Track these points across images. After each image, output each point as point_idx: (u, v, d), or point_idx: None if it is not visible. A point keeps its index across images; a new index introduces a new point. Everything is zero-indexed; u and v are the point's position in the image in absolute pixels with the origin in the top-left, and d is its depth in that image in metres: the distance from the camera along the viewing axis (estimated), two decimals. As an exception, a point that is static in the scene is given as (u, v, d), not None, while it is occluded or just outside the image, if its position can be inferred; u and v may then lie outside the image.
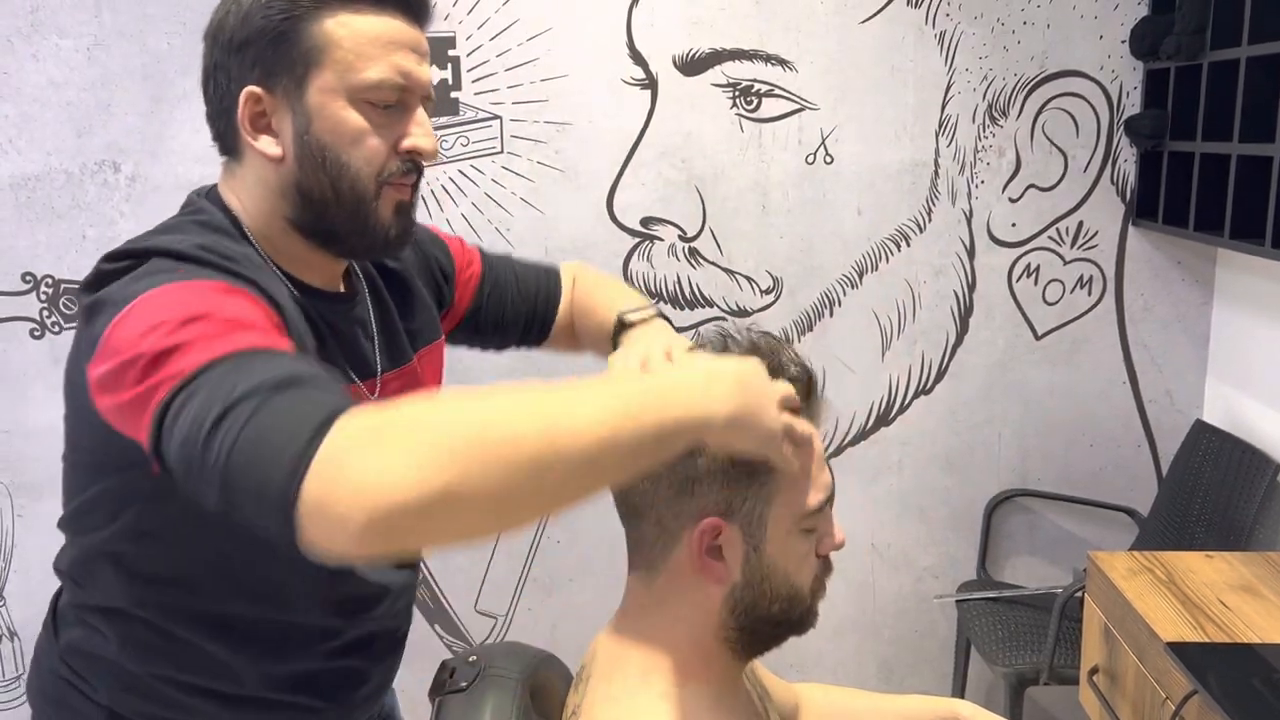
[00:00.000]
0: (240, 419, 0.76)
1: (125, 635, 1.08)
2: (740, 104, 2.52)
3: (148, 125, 2.52)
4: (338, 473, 0.70)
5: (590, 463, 0.75)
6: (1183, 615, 1.71)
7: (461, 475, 0.69)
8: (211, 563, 1.05)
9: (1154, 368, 2.64)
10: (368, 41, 1.00)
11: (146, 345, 0.84)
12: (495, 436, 0.71)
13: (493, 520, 0.74)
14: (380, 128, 1.02)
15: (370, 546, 0.69)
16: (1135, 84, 2.51)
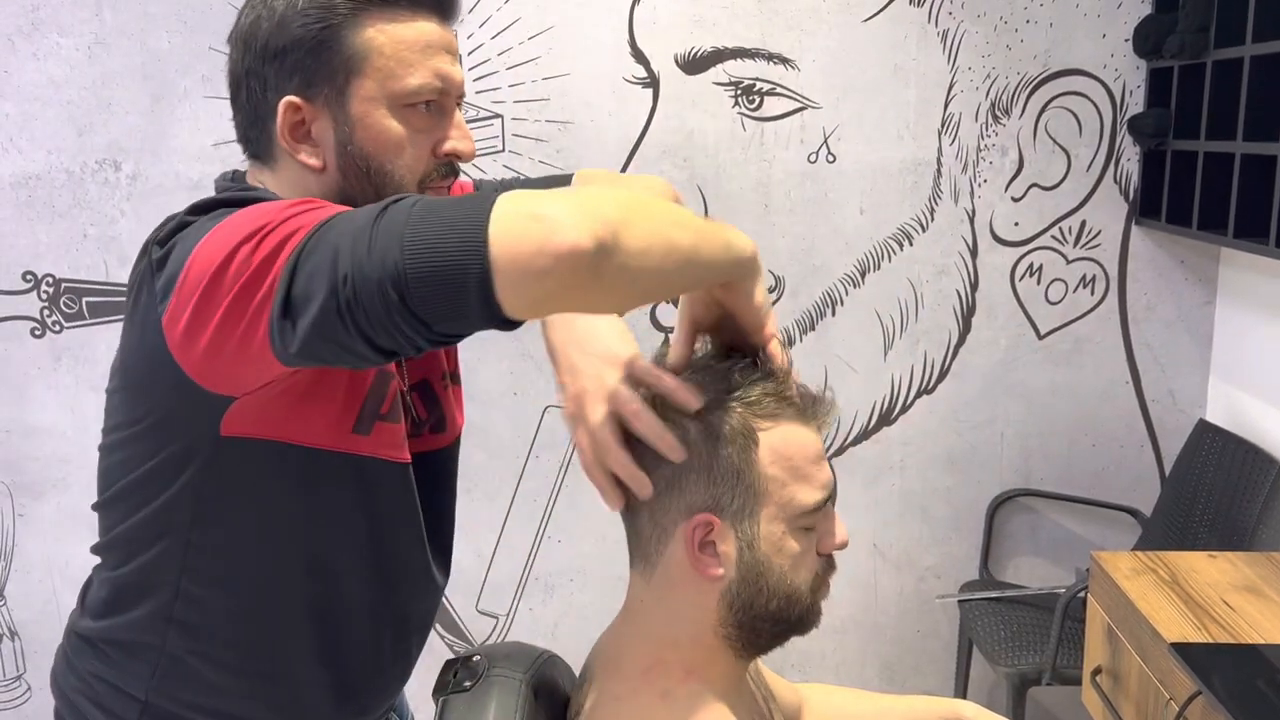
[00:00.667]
0: (406, 205, 0.81)
1: (169, 612, 1.07)
2: (742, 103, 2.52)
3: (148, 124, 2.51)
4: (530, 210, 0.77)
5: (707, 258, 0.85)
6: (1186, 616, 1.71)
7: (631, 214, 0.79)
8: (265, 530, 1.06)
9: (1157, 367, 2.63)
10: (406, 47, 1.00)
11: (245, 235, 0.85)
12: (639, 202, 0.83)
13: (653, 273, 0.81)
14: (419, 132, 1.03)
15: (581, 265, 0.74)
16: (1138, 83, 2.50)
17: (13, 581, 2.76)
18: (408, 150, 1.02)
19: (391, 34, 1.00)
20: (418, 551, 1.17)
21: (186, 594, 1.07)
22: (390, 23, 1.00)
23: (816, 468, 0.94)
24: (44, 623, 2.78)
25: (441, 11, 1.04)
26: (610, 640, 1.01)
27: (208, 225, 0.92)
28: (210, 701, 1.10)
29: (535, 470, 2.69)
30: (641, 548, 0.97)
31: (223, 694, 1.10)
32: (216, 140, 2.52)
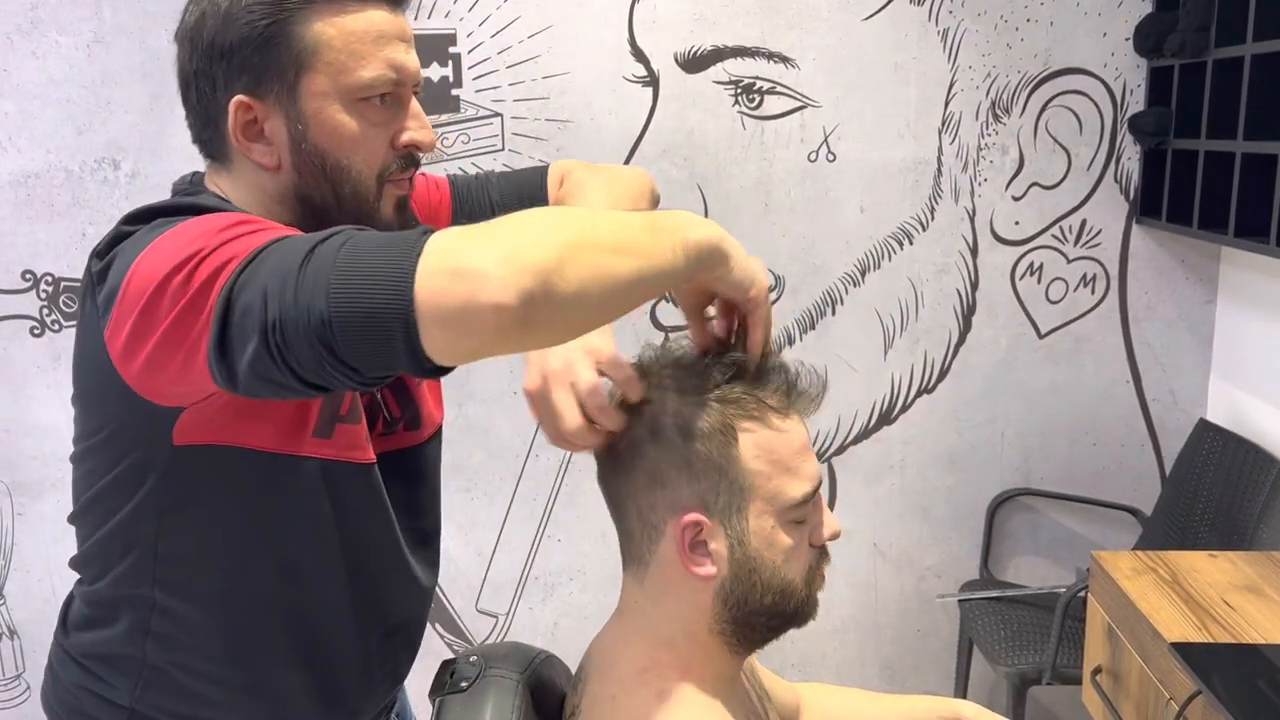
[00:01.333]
0: (333, 248, 0.79)
1: (146, 625, 1.07)
2: (742, 101, 2.51)
3: (147, 123, 2.51)
4: (457, 259, 0.74)
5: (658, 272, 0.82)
6: (1186, 615, 1.70)
7: (569, 254, 0.75)
8: (232, 538, 1.04)
9: (1157, 366, 2.63)
10: (357, 39, 0.97)
11: (181, 260, 0.83)
12: (583, 231, 0.79)
13: (594, 306, 0.79)
14: (376, 125, 1.00)
15: (520, 314, 0.72)
16: (1139, 81, 2.50)
17: (12, 580, 2.75)
18: (364, 145, 1.00)
19: (341, 26, 0.97)
20: (391, 551, 1.15)
21: (161, 606, 1.06)
22: (339, 15, 0.97)
23: (802, 459, 0.93)
24: (43, 622, 2.78)
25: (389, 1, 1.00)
26: (605, 641, 1.00)
27: (146, 238, 0.90)
28: (195, 711, 1.09)
29: (535, 470, 2.69)
30: (633, 549, 0.96)
31: (207, 703, 1.09)
32: (216, 139, 2.51)
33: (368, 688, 1.19)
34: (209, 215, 0.91)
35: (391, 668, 1.22)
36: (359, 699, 1.18)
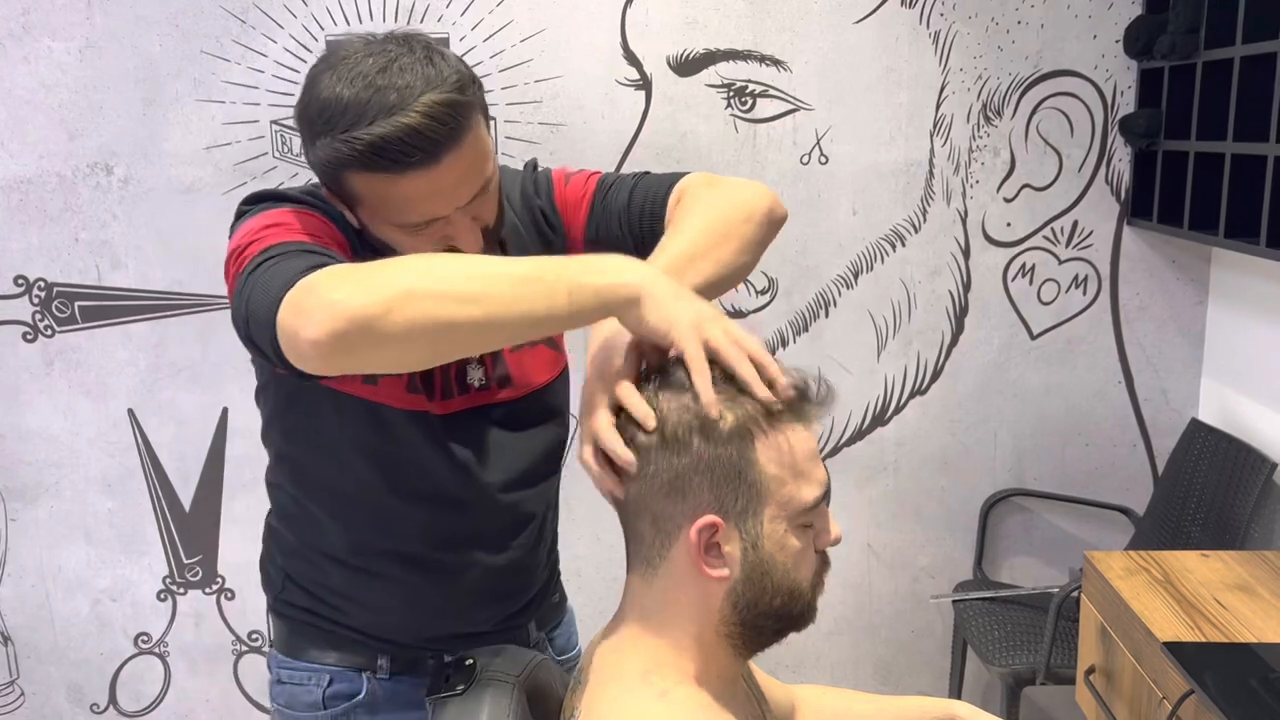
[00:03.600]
0: (262, 270, 1.00)
1: (286, 511, 1.32)
2: (735, 105, 2.52)
3: (140, 127, 2.51)
4: (308, 292, 0.92)
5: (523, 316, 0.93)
6: (1179, 615, 1.71)
7: (401, 302, 0.89)
8: (322, 450, 1.24)
9: (1149, 367, 2.64)
10: (392, 202, 1.07)
11: (231, 251, 1.09)
12: (440, 280, 0.92)
13: (425, 346, 0.93)
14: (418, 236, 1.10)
15: (326, 349, 0.90)
16: (1129, 83, 2.51)
17: (5, 586, 2.75)
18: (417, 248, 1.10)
19: (376, 188, 1.06)
20: (460, 487, 1.25)
21: (293, 497, 1.30)
22: (377, 178, 1.05)
23: (813, 465, 0.95)
24: (37, 628, 2.77)
25: (426, 164, 1.05)
26: (607, 643, 1.01)
27: (247, 217, 1.14)
28: (321, 580, 1.30)
29: (529, 472, 2.69)
30: (643, 552, 0.97)
31: (328, 579, 1.29)
32: (209, 144, 2.51)
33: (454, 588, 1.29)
34: (267, 212, 1.12)
35: (471, 601, 1.30)
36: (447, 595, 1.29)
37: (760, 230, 1.18)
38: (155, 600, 2.77)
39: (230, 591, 2.76)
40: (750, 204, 1.18)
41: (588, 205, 1.29)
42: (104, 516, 2.71)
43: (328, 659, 1.30)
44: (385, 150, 1.02)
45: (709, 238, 1.11)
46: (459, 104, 1.04)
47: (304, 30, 2.48)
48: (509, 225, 1.26)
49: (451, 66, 1.07)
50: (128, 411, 2.65)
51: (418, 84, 1.03)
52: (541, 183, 1.32)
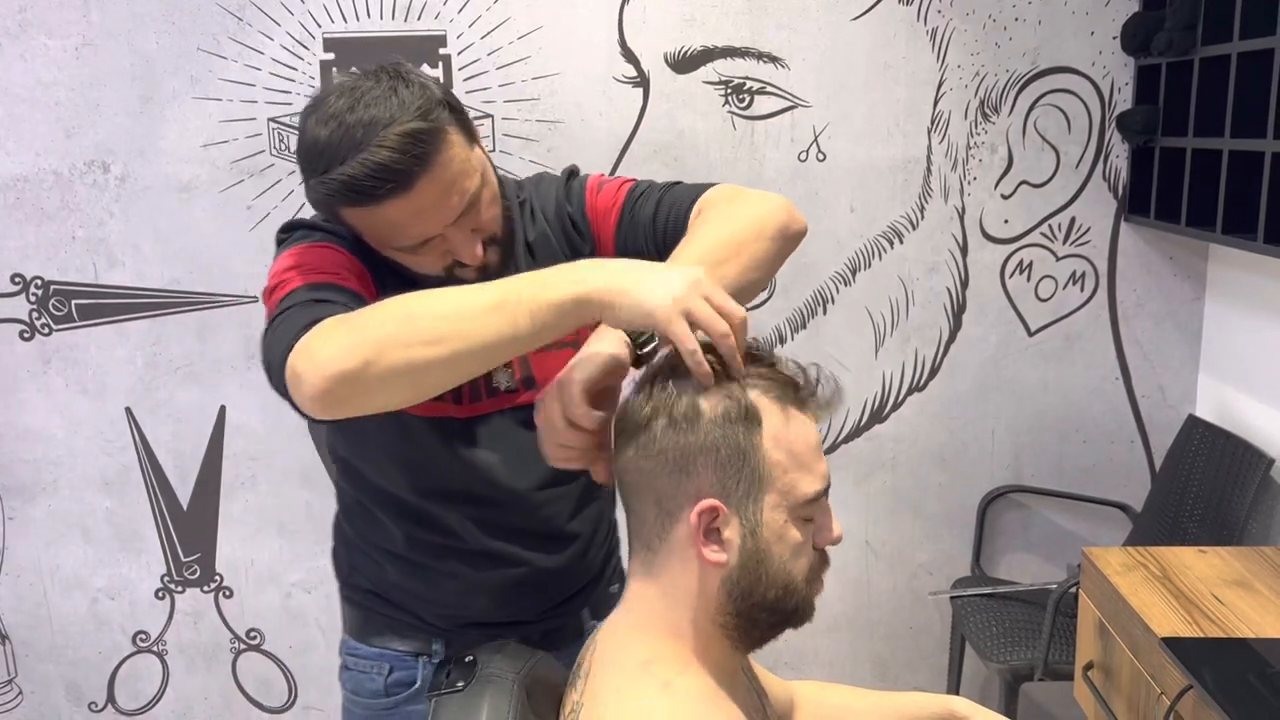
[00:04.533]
0: (274, 327, 1.09)
1: (345, 506, 1.41)
2: (732, 101, 2.52)
3: (137, 125, 2.51)
4: (302, 354, 1.00)
5: (488, 345, 0.98)
6: (1177, 610, 1.71)
7: (376, 354, 0.96)
8: (361, 447, 1.32)
9: (1146, 363, 2.64)
10: (376, 227, 1.14)
11: (268, 283, 1.18)
12: (408, 326, 0.98)
13: (407, 388, 1.00)
14: (427, 256, 1.17)
15: (322, 403, 0.99)
16: (1127, 80, 2.51)
17: (3, 585, 2.75)
18: (422, 266, 1.19)
19: (364, 219, 1.14)
20: (484, 484, 1.29)
21: (352, 497, 1.38)
22: (360, 210, 1.12)
23: (816, 457, 0.96)
24: (35, 626, 2.77)
25: (398, 192, 1.09)
26: (608, 634, 1.01)
27: (282, 249, 1.22)
28: (379, 577, 1.39)
29: (527, 470, 2.69)
30: (644, 534, 0.97)
31: (383, 573, 1.38)
32: (205, 141, 2.51)
33: (498, 604, 1.35)
34: (290, 247, 1.20)
35: (518, 594, 1.34)
36: (484, 608, 1.35)
37: (772, 246, 1.17)
38: (153, 599, 2.76)
39: (228, 590, 2.76)
40: (762, 220, 1.18)
41: (616, 214, 1.31)
42: (102, 515, 2.71)
43: (388, 643, 1.40)
44: (358, 187, 1.08)
45: (713, 255, 1.11)
46: (422, 131, 1.08)
47: (301, 28, 2.48)
48: (539, 233, 1.31)
49: (416, 93, 1.11)
50: (125, 410, 2.65)
51: (383, 117, 1.08)
52: (575, 190, 1.34)
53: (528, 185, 1.37)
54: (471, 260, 1.17)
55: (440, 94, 1.13)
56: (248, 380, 2.64)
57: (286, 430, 2.66)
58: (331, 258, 1.18)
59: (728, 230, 1.15)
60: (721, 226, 1.16)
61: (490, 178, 1.20)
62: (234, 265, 2.58)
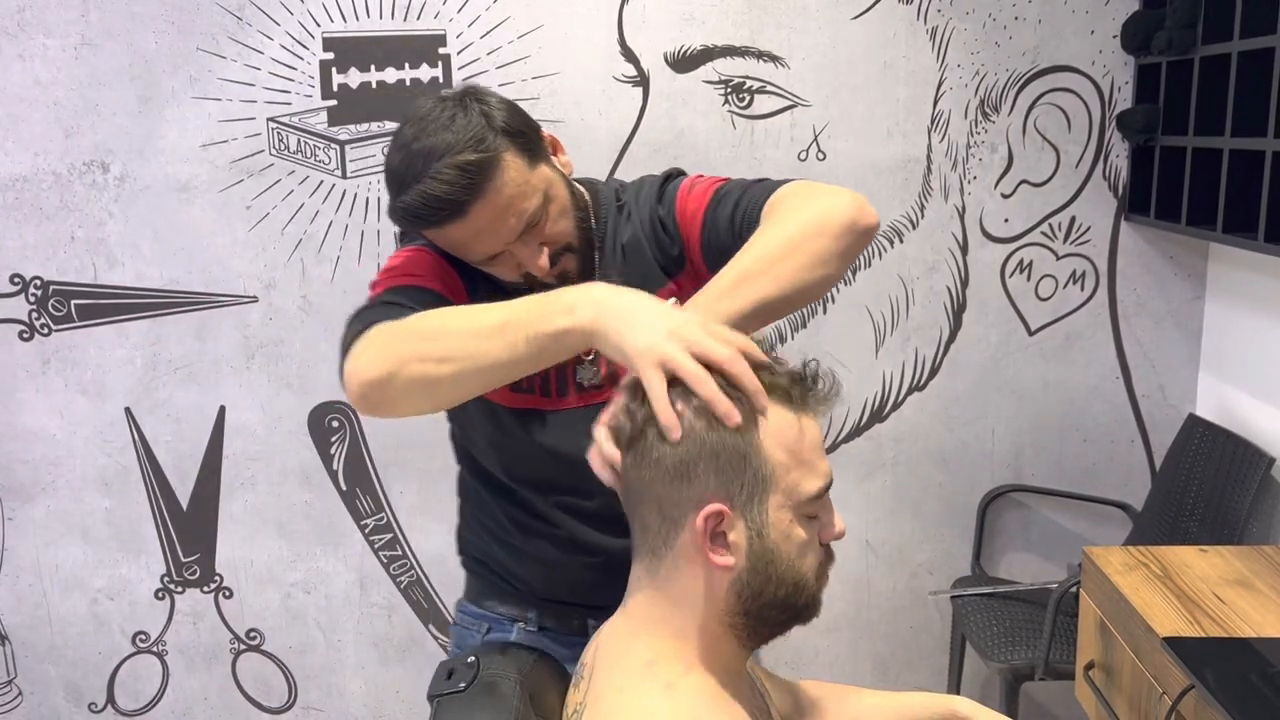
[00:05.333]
0: (346, 329, 1.22)
1: (462, 484, 1.52)
2: (732, 101, 2.52)
3: (136, 125, 2.50)
4: (349, 359, 1.13)
5: (489, 366, 1.06)
6: (1178, 610, 1.71)
7: (399, 367, 1.08)
8: (467, 432, 1.41)
9: (1147, 362, 2.64)
10: (451, 245, 1.25)
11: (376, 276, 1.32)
12: (426, 343, 1.09)
13: (425, 399, 1.10)
14: (501, 266, 1.26)
15: (361, 405, 1.12)
16: (1127, 79, 2.51)
17: (2, 586, 2.74)
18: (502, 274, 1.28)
19: (435, 237, 1.26)
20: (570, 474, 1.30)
21: (464, 476, 1.50)
22: (428, 231, 1.24)
23: (818, 455, 0.96)
24: (34, 627, 2.77)
25: (455, 218, 1.19)
26: (611, 635, 1.01)
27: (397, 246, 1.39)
28: (487, 549, 1.50)
29: (527, 470, 2.69)
30: (648, 541, 0.97)
31: (489, 548, 1.49)
32: (205, 141, 2.51)
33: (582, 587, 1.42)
34: (397, 250, 1.34)
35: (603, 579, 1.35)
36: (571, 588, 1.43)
37: (837, 243, 1.18)
38: (153, 599, 2.76)
39: (228, 590, 2.76)
40: (826, 217, 1.19)
41: (701, 216, 1.33)
42: (101, 515, 2.71)
43: (491, 606, 1.51)
44: (416, 214, 1.19)
45: (771, 255, 1.13)
46: (472, 163, 1.17)
47: (300, 27, 2.47)
48: (632, 236, 1.36)
49: (473, 122, 1.19)
50: (125, 410, 2.65)
51: (439, 147, 1.17)
52: (669, 193, 1.38)
53: (631, 188, 1.42)
54: (539, 272, 1.25)
55: (502, 119, 1.21)
56: (247, 380, 2.64)
57: (286, 430, 2.66)
58: (423, 261, 1.30)
59: (784, 233, 1.16)
60: (781, 227, 1.18)
61: (558, 192, 1.27)
62: (233, 265, 2.58)
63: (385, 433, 2.67)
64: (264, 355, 2.63)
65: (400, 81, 2.50)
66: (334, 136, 2.52)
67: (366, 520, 2.73)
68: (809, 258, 1.15)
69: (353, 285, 2.59)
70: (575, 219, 1.29)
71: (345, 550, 2.74)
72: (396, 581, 2.76)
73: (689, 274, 1.37)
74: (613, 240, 1.37)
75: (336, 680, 2.82)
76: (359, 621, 2.78)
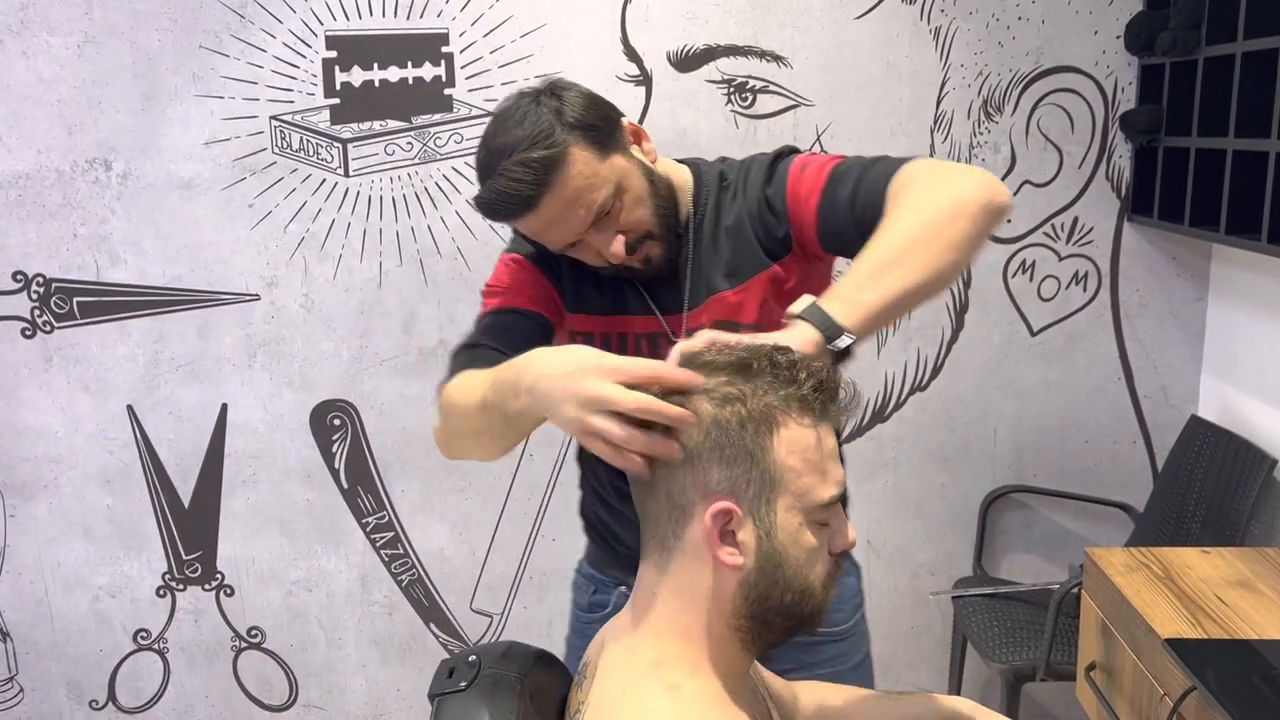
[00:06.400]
0: (452, 358, 1.36)
1: (579, 453, 1.57)
2: (735, 100, 2.52)
3: (139, 123, 2.50)
4: (435, 407, 1.30)
5: (492, 436, 1.21)
6: (1180, 611, 1.71)
7: (447, 434, 1.29)
8: None
9: (1149, 363, 2.64)
10: (527, 232, 1.34)
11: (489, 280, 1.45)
12: (451, 418, 1.27)
13: (473, 445, 1.26)
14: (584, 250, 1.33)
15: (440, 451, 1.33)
16: (1130, 79, 2.51)
17: (4, 583, 2.74)
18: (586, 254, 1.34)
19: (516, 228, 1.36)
20: None
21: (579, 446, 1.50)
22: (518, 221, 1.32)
23: (832, 463, 0.95)
24: (36, 624, 2.77)
25: (525, 212, 1.26)
26: (616, 634, 1.00)
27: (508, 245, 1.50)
28: (595, 511, 1.58)
29: (529, 470, 2.69)
30: (658, 533, 0.97)
31: (597, 513, 1.57)
32: (208, 139, 2.51)
33: None
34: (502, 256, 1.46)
35: None
36: None
37: (973, 225, 1.14)
38: (154, 596, 2.76)
39: (229, 588, 2.76)
40: (961, 198, 1.15)
41: (817, 198, 1.32)
42: (103, 513, 2.71)
43: (599, 569, 1.60)
44: (492, 208, 1.27)
45: (909, 242, 1.11)
46: (537, 160, 1.22)
47: (303, 25, 2.47)
48: (736, 217, 1.38)
49: (543, 118, 1.25)
50: (127, 407, 2.65)
51: (510, 144, 1.24)
52: (779, 173, 1.39)
53: (738, 168, 1.44)
54: (614, 259, 1.30)
55: (574, 114, 1.26)
56: (249, 378, 2.64)
57: (288, 429, 2.66)
58: (521, 276, 1.41)
59: (918, 219, 1.13)
60: (915, 211, 1.15)
61: (633, 182, 1.30)
62: (236, 263, 2.58)
63: (387, 431, 2.68)
64: (266, 353, 2.63)
65: (403, 80, 2.50)
66: (336, 135, 2.52)
67: (368, 519, 2.73)
68: (946, 243, 1.11)
69: (355, 283, 2.59)
70: (654, 207, 1.32)
71: (346, 548, 2.74)
72: (398, 580, 2.76)
73: (796, 256, 1.37)
74: (713, 223, 1.39)
75: (337, 678, 2.82)
76: (360, 620, 2.78)
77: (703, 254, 1.39)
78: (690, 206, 1.41)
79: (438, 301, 2.61)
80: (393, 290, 2.60)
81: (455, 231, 2.57)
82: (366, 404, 2.66)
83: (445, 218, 2.57)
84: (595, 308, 1.42)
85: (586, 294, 1.42)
